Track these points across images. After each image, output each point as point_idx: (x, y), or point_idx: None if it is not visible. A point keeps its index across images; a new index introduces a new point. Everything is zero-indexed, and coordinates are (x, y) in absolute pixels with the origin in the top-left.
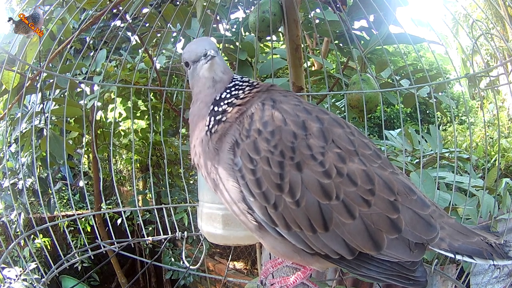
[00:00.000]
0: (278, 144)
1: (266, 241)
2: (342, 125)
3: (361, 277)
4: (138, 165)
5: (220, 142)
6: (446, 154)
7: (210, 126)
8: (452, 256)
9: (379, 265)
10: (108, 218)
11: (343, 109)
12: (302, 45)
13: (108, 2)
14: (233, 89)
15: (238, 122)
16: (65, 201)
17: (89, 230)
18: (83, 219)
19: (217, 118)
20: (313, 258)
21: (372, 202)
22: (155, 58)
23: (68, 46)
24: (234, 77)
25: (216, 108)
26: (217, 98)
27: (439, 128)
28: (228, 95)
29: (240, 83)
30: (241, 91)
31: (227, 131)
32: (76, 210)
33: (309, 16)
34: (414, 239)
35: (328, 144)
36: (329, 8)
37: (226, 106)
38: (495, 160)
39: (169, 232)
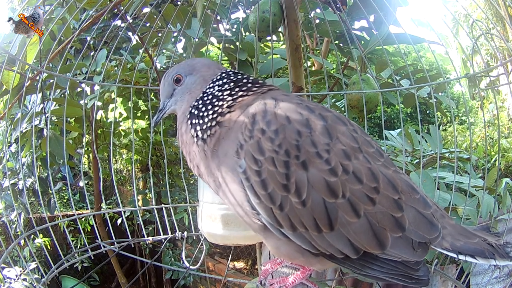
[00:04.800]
0: (283, 143)
1: (270, 242)
2: (345, 122)
3: (365, 277)
4: (138, 165)
5: (218, 145)
6: (446, 154)
7: (199, 135)
8: (455, 255)
9: (383, 265)
10: (108, 218)
11: (343, 109)
12: (302, 45)
13: (108, 2)
14: (200, 102)
15: (238, 124)
16: (65, 201)
17: (89, 230)
18: (83, 219)
19: (204, 127)
20: (316, 259)
21: (377, 200)
22: (155, 58)
23: (68, 46)
24: (208, 87)
25: (194, 121)
26: (187, 119)
27: (439, 128)
28: (196, 110)
29: (216, 92)
30: (215, 104)
31: (227, 134)
32: (76, 210)
33: (309, 16)
34: (417, 238)
35: (333, 141)
36: (329, 8)
37: (208, 117)
38: (495, 160)
39: (169, 232)
